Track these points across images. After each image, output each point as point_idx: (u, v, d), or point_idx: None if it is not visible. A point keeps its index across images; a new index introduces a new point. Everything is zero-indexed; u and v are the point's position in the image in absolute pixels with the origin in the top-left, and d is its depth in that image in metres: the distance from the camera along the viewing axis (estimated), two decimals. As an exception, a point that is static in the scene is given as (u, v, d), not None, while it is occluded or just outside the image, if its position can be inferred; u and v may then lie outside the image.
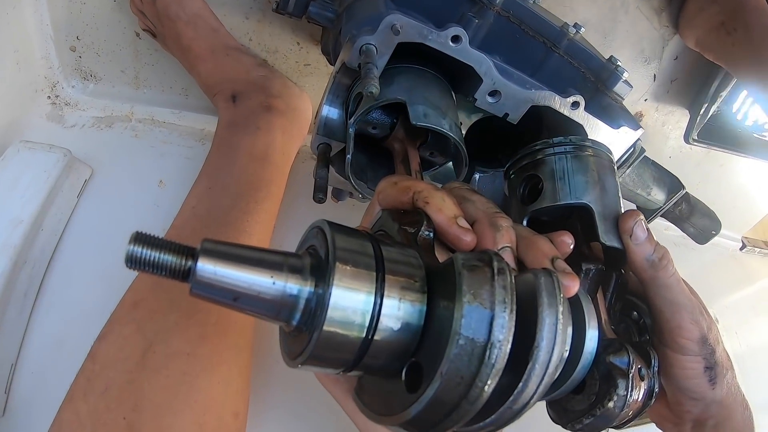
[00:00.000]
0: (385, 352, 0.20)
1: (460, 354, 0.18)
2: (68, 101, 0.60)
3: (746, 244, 0.98)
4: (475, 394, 0.18)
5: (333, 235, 0.20)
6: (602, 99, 0.42)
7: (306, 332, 0.20)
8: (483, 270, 0.19)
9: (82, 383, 0.35)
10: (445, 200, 0.26)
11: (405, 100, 0.33)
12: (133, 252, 0.18)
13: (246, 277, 0.18)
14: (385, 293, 0.19)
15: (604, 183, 0.33)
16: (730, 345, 0.81)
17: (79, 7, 0.56)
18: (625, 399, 0.28)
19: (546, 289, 0.20)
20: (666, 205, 0.59)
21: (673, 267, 0.33)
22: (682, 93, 0.69)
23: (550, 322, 0.19)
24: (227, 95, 0.51)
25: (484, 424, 0.20)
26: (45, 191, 0.49)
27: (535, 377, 0.19)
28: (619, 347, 0.29)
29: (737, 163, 0.83)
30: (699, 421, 0.36)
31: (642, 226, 0.32)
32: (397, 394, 0.20)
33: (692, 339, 0.32)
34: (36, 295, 0.48)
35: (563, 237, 0.29)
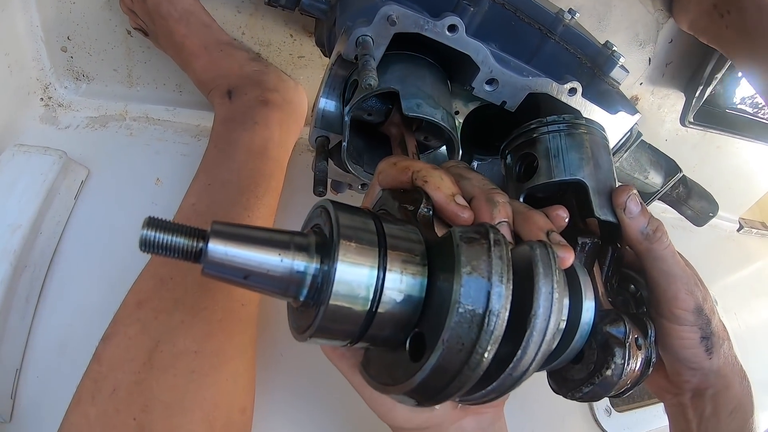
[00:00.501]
0: (389, 324, 0.21)
1: (461, 322, 0.18)
2: (61, 102, 0.59)
3: (743, 225, 0.99)
4: (475, 360, 0.19)
5: (337, 213, 0.21)
6: (599, 84, 0.42)
7: (313, 307, 0.20)
8: (480, 242, 0.20)
9: (89, 386, 0.35)
10: (443, 179, 0.26)
11: (398, 90, 0.34)
12: (146, 236, 0.19)
13: (255, 256, 0.19)
14: (387, 267, 0.20)
15: (598, 159, 0.34)
16: (729, 326, 0.80)
17: (68, 7, 0.55)
18: (623, 367, 0.29)
19: (542, 259, 0.21)
20: (663, 188, 0.59)
21: (668, 239, 0.33)
22: (677, 76, 0.69)
23: (546, 291, 0.20)
24: (222, 91, 0.50)
25: (486, 392, 0.21)
26: (42, 194, 0.49)
27: (533, 344, 0.20)
28: (615, 317, 0.30)
29: (733, 144, 0.83)
30: (698, 391, 0.37)
31: (635, 200, 0.33)
32: (401, 365, 0.21)
33: (688, 309, 0.33)
34: (38, 298, 0.48)
35: (558, 211, 0.30)
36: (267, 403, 0.44)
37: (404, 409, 0.29)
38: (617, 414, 0.60)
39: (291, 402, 0.46)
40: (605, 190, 0.34)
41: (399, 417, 0.29)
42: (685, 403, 0.38)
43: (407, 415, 0.29)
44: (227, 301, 0.40)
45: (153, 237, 0.19)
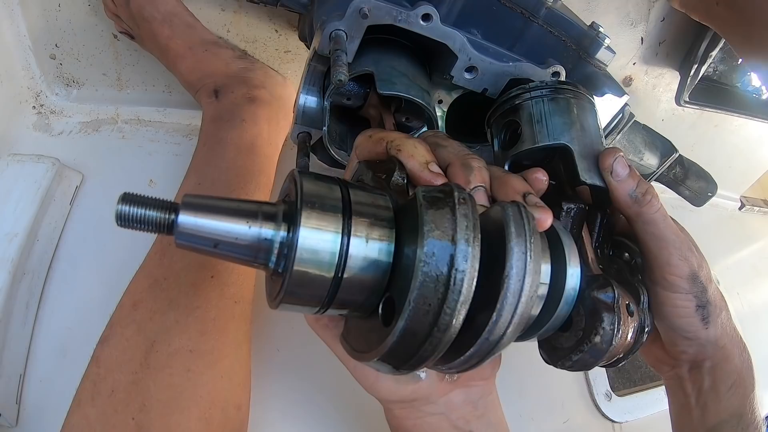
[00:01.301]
0: (358, 288, 0.21)
1: (426, 282, 0.18)
2: (53, 109, 0.59)
3: (745, 204, 0.98)
4: (444, 321, 0.18)
5: (301, 180, 0.21)
6: (585, 67, 0.41)
7: (282, 274, 0.21)
8: (444, 201, 0.20)
9: (88, 387, 0.35)
10: (416, 146, 0.26)
11: (372, 70, 0.33)
12: (121, 210, 0.20)
13: (224, 225, 0.20)
14: (352, 232, 0.20)
15: (583, 123, 0.33)
16: (732, 306, 0.80)
17: (54, 15, 0.55)
18: (612, 334, 0.28)
19: (513, 219, 0.20)
20: (659, 169, 0.58)
21: (658, 202, 0.32)
22: (671, 55, 0.67)
23: (518, 251, 0.20)
24: (209, 90, 0.50)
25: (465, 358, 0.21)
26: (37, 202, 0.49)
27: (508, 306, 0.19)
28: (604, 282, 0.29)
29: (731, 122, 0.82)
30: (695, 362, 0.35)
31: (622, 162, 0.32)
32: (375, 332, 0.21)
33: (681, 276, 0.31)
34: (38, 304, 0.48)
35: (537, 174, 0.29)
36: (264, 398, 0.45)
37: (388, 381, 0.29)
38: (617, 398, 0.60)
39: (287, 396, 0.46)
40: (592, 154, 0.32)
41: (383, 389, 0.29)
42: (683, 375, 0.37)
43: (392, 386, 0.29)
44: (220, 300, 0.40)
45: (128, 211, 0.20)
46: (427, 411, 0.31)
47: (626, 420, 0.60)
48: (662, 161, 0.58)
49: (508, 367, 0.55)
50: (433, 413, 0.31)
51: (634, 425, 0.60)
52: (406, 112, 0.39)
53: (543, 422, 0.54)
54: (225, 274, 0.41)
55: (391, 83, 0.33)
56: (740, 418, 0.35)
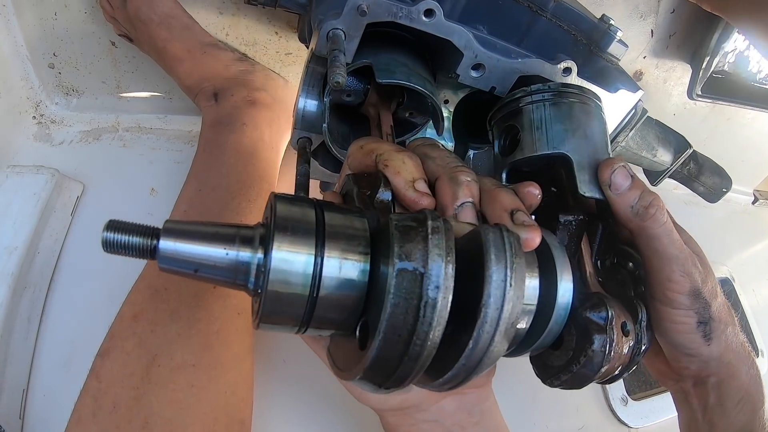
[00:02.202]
0: (334, 308, 0.21)
1: (395, 313, 0.18)
2: (53, 119, 0.58)
3: (758, 198, 0.94)
4: (414, 351, 0.18)
5: (276, 205, 0.21)
6: (596, 62, 0.39)
7: (259, 296, 0.21)
8: (417, 230, 0.19)
9: (88, 403, 0.34)
10: (405, 162, 0.25)
11: (370, 61, 0.32)
12: (106, 237, 0.20)
13: (202, 250, 0.20)
14: (325, 255, 0.20)
15: (586, 130, 0.31)
16: (747, 302, 0.78)
17: (51, 24, 0.54)
18: (603, 355, 0.26)
19: (493, 244, 0.20)
20: (673, 165, 0.56)
21: (664, 216, 0.30)
22: (682, 47, 0.65)
23: (497, 279, 0.19)
24: (209, 94, 0.48)
25: (444, 380, 0.21)
26: (37, 214, 0.48)
27: (485, 334, 0.19)
28: (597, 302, 0.27)
29: (744, 115, 0.79)
30: (699, 378, 0.34)
31: (623, 173, 0.30)
32: (354, 351, 0.21)
33: (682, 292, 0.30)
34: (40, 318, 0.47)
35: (529, 188, 0.28)
36: (270, 410, 0.43)
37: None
38: (633, 402, 0.57)
39: (294, 408, 0.45)
40: (594, 164, 0.31)
41: (372, 398, 0.29)
42: (688, 390, 0.35)
43: (381, 396, 0.29)
44: (223, 312, 0.38)
45: (113, 238, 0.20)
46: (419, 418, 0.30)
47: (643, 425, 0.57)
48: (676, 157, 0.55)
49: (520, 374, 0.53)
50: (425, 420, 0.30)
51: (651, 430, 0.57)
52: (409, 107, 0.38)
53: (558, 429, 0.52)
54: (227, 285, 0.39)
55: (390, 72, 0.32)
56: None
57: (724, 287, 0.79)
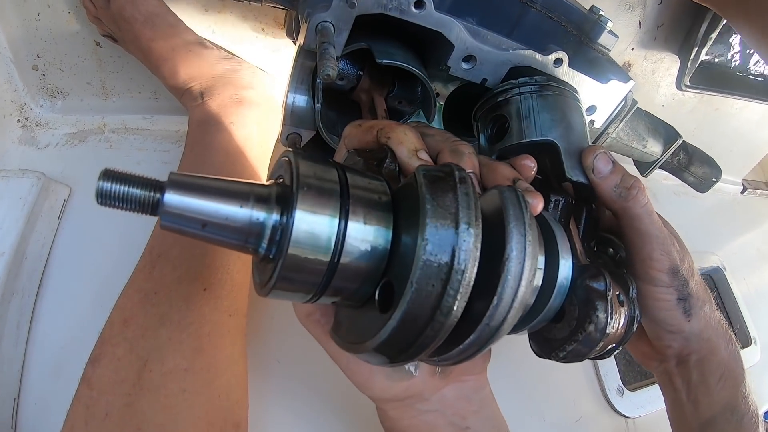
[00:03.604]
0: (354, 275, 0.19)
1: (429, 262, 0.17)
2: (39, 122, 0.56)
3: (747, 187, 0.95)
4: (448, 303, 0.17)
5: (297, 162, 0.19)
6: (587, 53, 0.38)
7: (274, 260, 0.19)
8: (445, 180, 0.19)
9: (81, 411, 0.33)
10: (406, 134, 0.25)
11: (367, 44, 0.31)
12: (102, 188, 0.18)
13: (213, 206, 0.18)
14: (349, 216, 0.19)
15: (570, 121, 0.33)
16: (739, 290, 0.78)
17: (34, 25, 0.52)
18: (606, 322, 0.27)
19: (511, 202, 0.20)
20: (663, 156, 0.55)
21: (645, 197, 0.31)
22: (670, 38, 0.64)
23: (518, 233, 0.19)
24: (195, 93, 0.47)
25: (464, 346, 0.19)
26: (23, 219, 0.47)
27: (509, 290, 0.18)
28: (596, 272, 0.28)
29: (732, 105, 0.79)
30: (681, 357, 0.35)
31: (604, 159, 0.31)
32: (370, 320, 0.20)
33: (662, 270, 0.31)
34: (29, 324, 0.46)
35: (524, 161, 0.29)
36: (265, 411, 0.42)
37: (381, 378, 0.28)
38: (629, 393, 0.57)
39: (290, 408, 0.44)
40: (577, 152, 0.32)
41: (376, 386, 0.28)
42: (671, 370, 0.36)
43: (384, 384, 0.28)
44: (214, 314, 0.37)
45: (110, 189, 0.18)
46: (421, 409, 0.29)
47: (639, 415, 0.57)
48: (666, 148, 0.55)
49: (516, 367, 0.53)
50: (427, 411, 0.29)
51: (647, 420, 0.57)
52: (399, 96, 0.37)
53: (554, 421, 0.52)
54: (218, 287, 0.38)
55: (389, 53, 0.31)
56: (734, 409, 0.35)
57: (716, 276, 0.79)
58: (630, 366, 0.61)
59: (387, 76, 0.36)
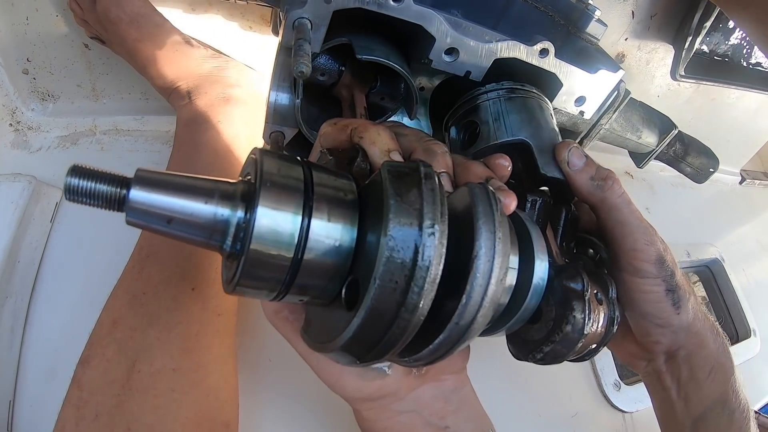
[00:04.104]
0: (318, 271, 0.19)
1: (393, 258, 0.17)
2: (30, 125, 0.56)
3: (745, 177, 0.93)
4: (412, 300, 0.17)
5: (262, 159, 0.19)
6: (575, 42, 0.37)
7: (238, 257, 0.19)
8: (410, 175, 0.18)
9: (71, 412, 0.33)
10: (380, 134, 0.25)
11: (348, 39, 0.31)
12: (70, 183, 0.18)
13: (178, 202, 0.18)
14: (313, 213, 0.19)
15: (539, 120, 0.33)
16: (738, 282, 0.77)
17: (23, 28, 0.51)
18: (583, 322, 0.26)
19: (480, 198, 0.19)
20: (659, 146, 0.54)
21: (621, 187, 0.31)
22: (663, 28, 0.63)
23: (487, 230, 0.18)
24: (182, 93, 0.47)
25: (434, 347, 0.19)
26: (14, 223, 0.46)
27: (478, 287, 0.18)
28: (573, 272, 0.27)
29: (729, 95, 0.77)
30: (670, 352, 0.33)
31: (577, 153, 0.31)
32: (338, 319, 0.19)
33: (649, 261, 0.30)
34: (23, 327, 0.45)
35: (499, 159, 0.28)
36: (256, 410, 0.42)
37: (353, 377, 0.27)
38: (626, 387, 0.56)
39: (281, 407, 0.43)
40: (549, 149, 0.32)
41: (349, 386, 0.27)
42: (660, 368, 0.34)
43: (357, 383, 0.27)
44: (203, 314, 0.37)
45: (77, 185, 0.18)
46: (396, 410, 0.28)
47: (636, 409, 0.56)
48: (661, 138, 0.54)
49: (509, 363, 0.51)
50: (403, 411, 0.28)
51: (644, 414, 0.56)
52: (382, 92, 0.36)
53: (550, 418, 0.51)
54: (206, 286, 0.38)
55: (369, 49, 0.31)
56: (724, 403, 0.34)
57: (714, 268, 0.77)
58: (627, 359, 0.61)
59: (369, 72, 0.36)
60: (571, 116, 0.39)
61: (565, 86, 0.35)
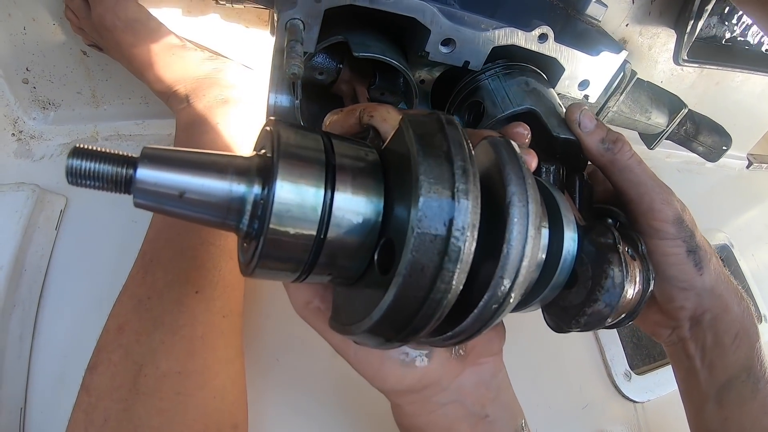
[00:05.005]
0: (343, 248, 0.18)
1: (428, 203, 0.15)
2: (33, 134, 0.56)
3: (752, 162, 0.91)
4: (454, 248, 0.15)
5: (279, 130, 0.18)
6: (576, 25, 0.36)
7: (257, 237, 0.18)
8: (430, 123, 0.17)
9: (80, 418, 0.33)
10: (389, 111, 0.24)
11: (344, 37, 0.30)
12: (72, 165, 0.17)
13: (190, 179, 0.17)
14: (336, 185, 0.17)
15: (541, 89, 0.33)
16: (747, 267, 0.75)
17: (21, 38, 0.51)
18: (623, 275, 0.24)
19: (503, 146, 0.18)
20: (669, 126, 0.52)
21: (631, 149, 0.30)
22: (664, 12, 0.61)
23: (516, 175, 0.17)
24: (180, 96, 0.46)
25: (471, 320, 0.18)
26: (20, 232, 0.46)
27: (517, 236, 0.16)
28: (602, 228, 0.26)
29: (733, 78, 0.75)
30: (694, 318, 0.32)
31: (588, 115, 0.31)
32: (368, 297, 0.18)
33: (667, 220, 0.29)
34: (32, 335, 0.45)
35: (517, 128, 0.27)
36: (266, 410, 0.41)
37: (394, 366, 0.25)
38: (637, 377, 0.55)
39: (291, 407, 0.43)
40: (556, 114, 0.32)
41: (389, 377, 0.25)
42: (684, 335, 0.33)
43: (398, 373, 0.25)
44: (207, 315, 0.36)
45: (80, 166, 0.17)
46: (439, 401, 0.27)
47: (648, 399, 0.55)
48: (671, 118, 0.52)
49: (519, 355, 0.51)
50: (446, 402, 0.27)
51: (656, 404, 0.55)
52: (381, 88, 0.35)
53: (560, 410, 0.50)
54: (210, 288, 0.37)
55: (365, 46, 0.30)
56: (749, 371, 0.32)
57: (723, 254, 0.76)
58: (637, 349, 0.59)
59: (367, 68, 0.35)
60: (577, 101, 0.37)
61: (567, 70, 0.34)
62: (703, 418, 0.33)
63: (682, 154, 0.82)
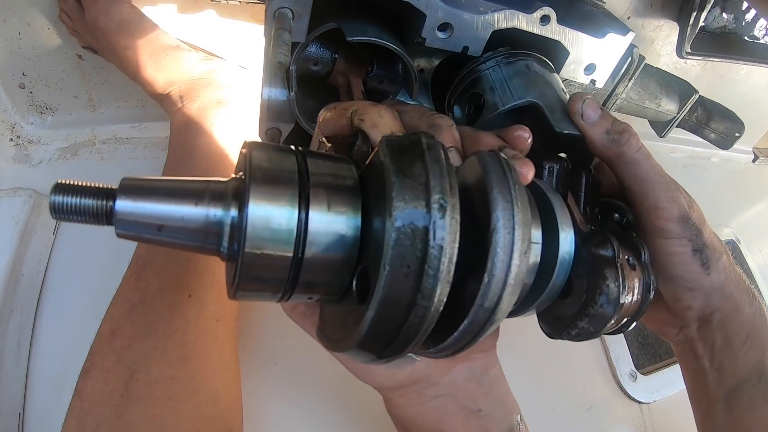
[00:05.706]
0: (323, 266, 0.18)
1: (401, 239, 0.15)
2: (30, 139, 0.55)
3: (758, 155, 0.88)
4: (428, 284, 0.15)
5: (251, 153, 0.18)
6: (581, 7, 0.34)
7: (235, 259, 0.18)
8: (411, 148, 0.16)
9: (73, 424, 0.32)
10: (381, 115, 0.23)
11: (337, 24, 0.29)
12: (55, 202, 0.17)
13: (167, 208, 0.17)
14: (311, 204, 0.17)
15: (544, 80, 0.31)
16: (754, 262, 0.72)
17: (16, 44, 0.50)
18: (618, 291, 0.23)
19: (492, 166, 0.17)
20: (680, 113, 0.50)
21: (638, 141, 0.28)
22: (667, 4, 0.59)
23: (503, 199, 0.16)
24: (175, 98, 0.45)
25: (459, 333, 0.17)
26: (17, 237, 0.45)
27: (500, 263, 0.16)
28: (601, 239, 0.24)
29: (737, 71, 0.73)
30: (703, 318, 0.30)
31: (592, 104, 0.29)
32: (352, 314, 0.18)
33: (671, 219, 0.27)
34: (30, 340, 0.44)
35: (517, 132, 0.25)
36: (263, 414, 0.40)
37: (382, 366, 0.25)
38: (643, 377, 0.52)
39: (288, 410, 0.41)
40: (560, 107, 0.30)
41: (378, 375, 0.25)
42: (692, 336, 0.31)
43: (386, 371, 0.25)
44: (200, 320, 0.35)
45: (62, 202, 0.17)
46: (430, 394, 0.26)
47: (654, 400, 0.52)
48: (682, 105, 0.50)
49: (522, 356, 0.49)
50: (437, 395, 0.26)
51: (662, 404, 0.52)
52: (380, 76, 0.34)
53: (565, 411, 0.48)
54: (203, 292, 0.36)
55: (361, 30, 0.28)
56: (761, 374, 0.30)
57: (730, 249, 0.73)
58: (643, 348, 0.57)
59: (364, 57, 0.33)
60: (583, 87, 0.35)
61: (572, 54, 0.32)
62: (711, 422, 0.31)
63: (687, 149, 0.80)
